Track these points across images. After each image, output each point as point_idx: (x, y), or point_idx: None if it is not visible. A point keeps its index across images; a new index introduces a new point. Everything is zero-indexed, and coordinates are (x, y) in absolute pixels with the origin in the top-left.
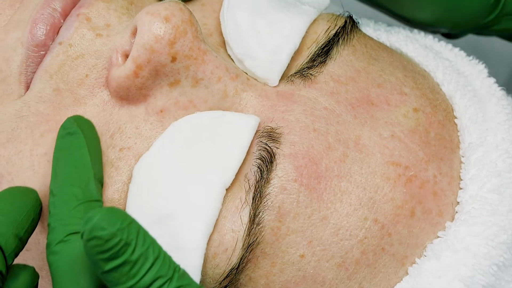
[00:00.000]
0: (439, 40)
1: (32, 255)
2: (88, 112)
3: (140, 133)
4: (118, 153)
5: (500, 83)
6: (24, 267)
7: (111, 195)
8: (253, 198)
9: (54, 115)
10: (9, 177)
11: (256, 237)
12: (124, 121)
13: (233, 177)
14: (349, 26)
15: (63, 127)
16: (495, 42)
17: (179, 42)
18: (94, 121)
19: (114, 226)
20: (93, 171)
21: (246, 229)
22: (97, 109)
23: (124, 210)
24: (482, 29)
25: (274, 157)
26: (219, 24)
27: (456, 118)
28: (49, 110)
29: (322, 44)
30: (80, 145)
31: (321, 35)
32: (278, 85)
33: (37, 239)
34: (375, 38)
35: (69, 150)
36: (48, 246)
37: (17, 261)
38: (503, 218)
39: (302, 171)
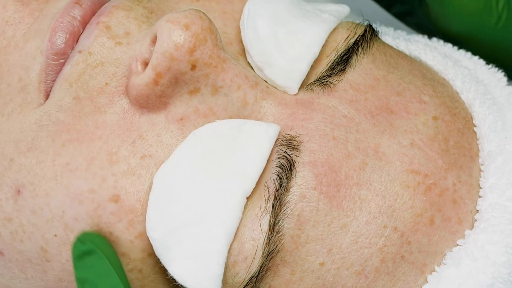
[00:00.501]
0: (458, 49)
1: (52, 265)
2: (108, 120)
3: (161, 141)
4: (140, 160)
5: None
6: None
7: (133, 204)
8: (272, 206)
9: (74, 124)
10: (31, 187)
11: (275, 245)
12: (145, 129)
13: (254, 185)
14: (368, 35)
15: (75, 248)
16: None
17: (199, 50)
18: (114, 129)
19: None
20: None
21: (266, 237)
22: (117, 117)
23: (145, 218)
24: None
25: (294, 165)
26: (239, 32)
27: (475, 126)
28: (70, 119)
29: (342, 53)
30: (104, 266)
31: (340, 43)
32: (297, 93)
33: (59, 251)
34: (394, 47)
35: (93, 271)
36: None
37: (37, 272)
38: None
39: (321, 179)
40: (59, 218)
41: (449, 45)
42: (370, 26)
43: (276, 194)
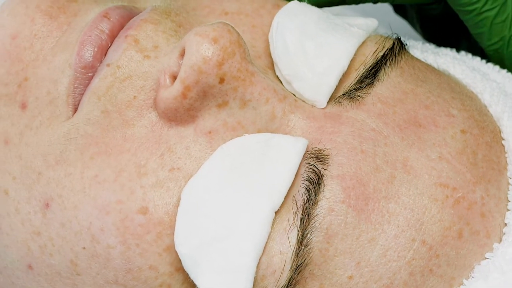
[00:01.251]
0: (487, 62)
1: (83, 279)
2: (137, 133)
3: (190, 154)
4: (168, 173)
5: None
6: None
7: (161, 217)
8: (301, 220)
9: (103, 137)
10: (59, 200)
11: (304, 259)
12: (173, 142)
13: (282, 200)
14: (397, 48)
15: None
16: None
17: (227, 64)
18: (143, 142)
19: None
20: None
21: (294, 250)
22: (146, 130)
23: (173, 232)
24: None
25: (322, 179)
26: (268, 46)
27: (503, 139)
28: (98, 132)
29: (370, 66)
30: None
31: (369, 57)
32: (326, 107)
33: (89, 264)
34: (423, 60)
35: None
36: None
37: (66, 286)
38: None
39: (349, 193)
40: (86, 229)
41: (477, 58)
42: (399, 39)
43: (304, 207)
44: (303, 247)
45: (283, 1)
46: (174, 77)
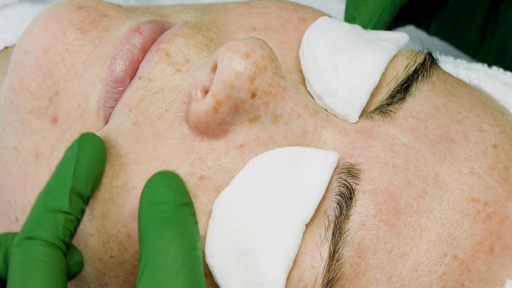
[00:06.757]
0: None
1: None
2: (168, 143)
3: (221, 165)
4: (198, 181)
5: None
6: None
7: None
8: (332, 234)
9: (133, 147)
10: (89, 210)
11: (335, 273)
12: (204, 152)
13: (313, 212)
14: (428, 63)
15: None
16: None
17: (259, 78)
18: (173, 151)
19: None
20: (71, 184)
21: (326, 265)
22: (177, 142)
23: (205, 243)
24: None
25: (354, 193)
26: (298, 62)
27: None
28: (128, 143)
29: (402, 81)
30: (69, 159)
31: (400, 71)
32: (357, 122)
33: (116, 272)
34: (454, 75)
35: (60, 161)
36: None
37: None
38: None
39: (381, 207)
40: (114, 238)
41: (509, 73)
42: (430, 54)
43: (336, 222)
44: (334, 262)
45: (307, 14)
46: (206, 91)
